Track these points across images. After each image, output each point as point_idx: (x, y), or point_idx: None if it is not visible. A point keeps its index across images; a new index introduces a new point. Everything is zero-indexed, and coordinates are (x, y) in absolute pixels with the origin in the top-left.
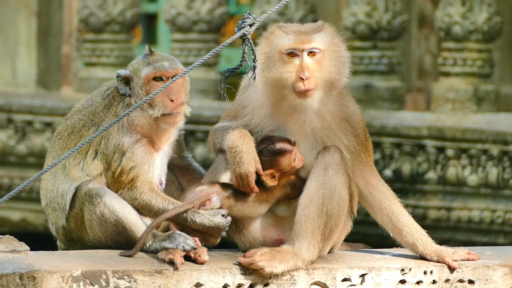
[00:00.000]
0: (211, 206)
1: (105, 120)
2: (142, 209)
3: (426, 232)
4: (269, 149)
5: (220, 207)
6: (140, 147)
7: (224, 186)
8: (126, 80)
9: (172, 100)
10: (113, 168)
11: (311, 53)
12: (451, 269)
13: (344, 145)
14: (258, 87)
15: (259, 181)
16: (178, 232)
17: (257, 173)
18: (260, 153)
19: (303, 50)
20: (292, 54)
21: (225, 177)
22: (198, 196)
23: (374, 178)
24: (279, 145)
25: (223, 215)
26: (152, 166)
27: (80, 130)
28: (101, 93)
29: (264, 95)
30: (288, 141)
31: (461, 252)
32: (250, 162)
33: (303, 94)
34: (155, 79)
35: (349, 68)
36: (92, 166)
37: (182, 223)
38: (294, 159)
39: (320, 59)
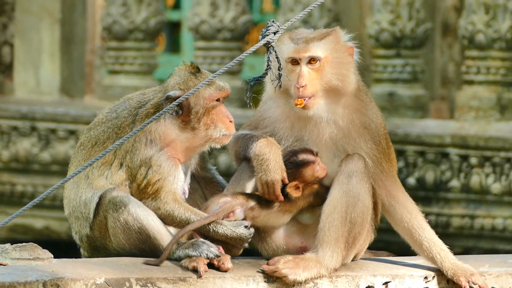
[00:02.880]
0: (235, 218)
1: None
2: (165, 219)
3: (448, 247)
4: (292, 161)
5: (244, 219)
6: (166, 160)
7: (248, 196)
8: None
9: (231, 121)
10: (138, 181)
11: (312, 61)
12: None
13: (365, 152)
14: (277, 98)
15: (283, 193)
16: (202, 240)
17: (282, 181)
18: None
19: (301, 59)
20: (294, 62)
21: (249, 187)
22: (222, 208)
23: (397, 190)
24: (302, 157)
25: (246, 226)
26: (177, 178)
27: (104, 142)
28: (128, 108)
29: (282, 107)
30: (311, 152)
31: (479, 279)
32: (277, 170)
33: (302, 104)
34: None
35: (355, 74)
36: (117, 176)
37: (205, 233)
38: (317, 170)
39: (320, 67)
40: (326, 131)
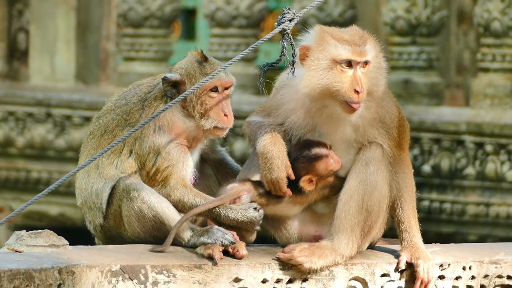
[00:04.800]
0: (241, 203)
1: (139, 121)
2: (176, 205)
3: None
4: (304, 155)
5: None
6: (175, 146)
7: (256, 184)
8: (174, 84)
9: (226, 115)
10: (148, 168)
11: (364, 64)
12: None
13: (380, 141)
14: (295, 87)
15: (295, 185)
16: (216, 227)
17: (289, 178)
18: (296, 160)
19: (358, 63)
20: (348, 64)
21: (258, 175)
22: (229, 193)
23: (400, 170)
24: (315, 151)
25: (255, 209)
26: (186, 164)
27: (113, 130)
28: (138, 93)
29: (301, 97)
30: (324, 145)
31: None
32: (281, 168)
33: (352, 108)
34: (211, 89)
35: (385, 78)
36: (127, 164)
37: (216, 218)
38: (331, 163)
39: (367, 71)
40: (340, 123)
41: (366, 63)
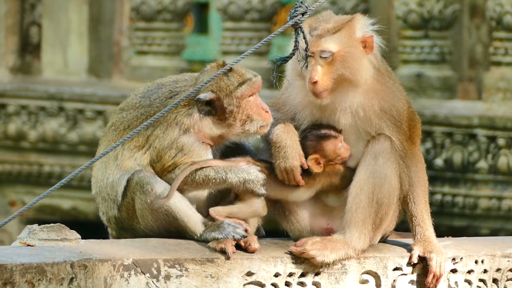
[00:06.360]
0: None
1: (162, 124)
2: (189, 186)
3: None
4: (313, 133)
5: None
6: (198, 145)
7: (266, 165)
8: (208, 102)
9: (267, 112)
10: (165, 161)
11: (325, 54)
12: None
13: (388, 134)
14: (296, 84)
15: (304, 171)
16: (227, 221)
17: (301, 167)
18: (305, 138)
19: (314, 53)
20: (309, 55)
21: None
22: (227, 160)
23: (412, 164)
24: (324, 130)
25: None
26: (203, 158)
27: (137, 127)
28: (160, 97)
29: (301, 94)
30: (334, 128)
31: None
32: (295, 156)
33: (315, 94)
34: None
35: (373, 63)
36: (143, 157)
37: (220, 184)
38: (339, 146)
39: (332, 61)
40: (346, 118)
41: (324, 55)
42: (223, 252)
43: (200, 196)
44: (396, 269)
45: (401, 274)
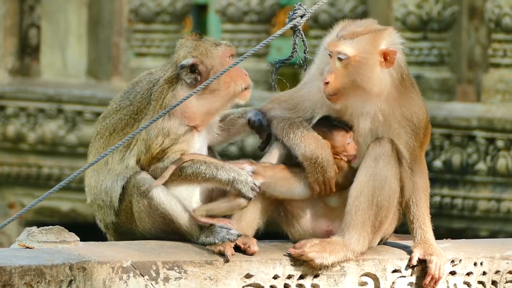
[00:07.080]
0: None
1: (149, 114)
2: (178, 178)
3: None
4: (327, 122)
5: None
6: (184, 130)
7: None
8: (191, 69)
9: (246, 74)
10: (153, 150)
11: (341, 57)
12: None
13: (404, 141)
14: (317, 82)
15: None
16: (219, 225)
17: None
18: (317, 124)
19: (332, 53)
20: (329, 54)
21: (274, 158)
22: (228, 162)
23: (416, 167)
24: (338, 121)
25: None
26: (190, 145)
27: (123, 129)
28: (140, 91)
29: (321, 92)
30: (347, 124)
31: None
32: (331, 167)
33: (326, 96)
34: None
35: (389, 80)
36: (132, 154)
37: (208, 180)
38: (348, 141)
39: (347, 65)
40: (365, 122)
41: (340, 56)
42: (222, 254)
43: (195, 200)
44: (395, 271)
45: (400, 276)
